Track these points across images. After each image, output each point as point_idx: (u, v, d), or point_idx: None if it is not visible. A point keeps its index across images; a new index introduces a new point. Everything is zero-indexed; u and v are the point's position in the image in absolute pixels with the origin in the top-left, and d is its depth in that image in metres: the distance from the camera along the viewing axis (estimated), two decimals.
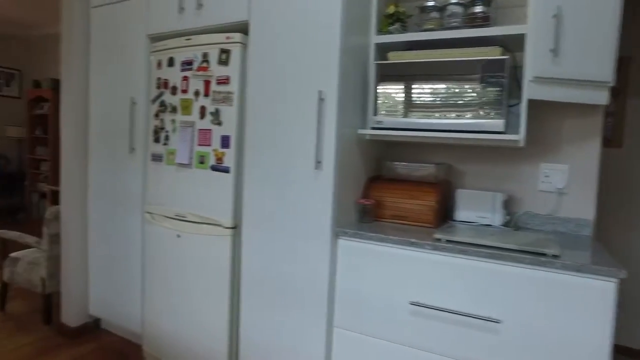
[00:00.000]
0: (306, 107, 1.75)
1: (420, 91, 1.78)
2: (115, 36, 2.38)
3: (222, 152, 1.95)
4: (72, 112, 2.51)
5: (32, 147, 5.77)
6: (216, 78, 1.96)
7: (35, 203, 5.86)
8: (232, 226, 1.95)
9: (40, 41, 6.03)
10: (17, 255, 2.86)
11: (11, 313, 2.89)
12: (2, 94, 6.01)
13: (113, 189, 2.42)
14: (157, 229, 2.19)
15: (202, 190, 2.02)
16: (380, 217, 1.96)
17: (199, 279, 2.06)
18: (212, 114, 1.97)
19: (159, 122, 2.17)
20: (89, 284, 2.61)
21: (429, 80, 1.76)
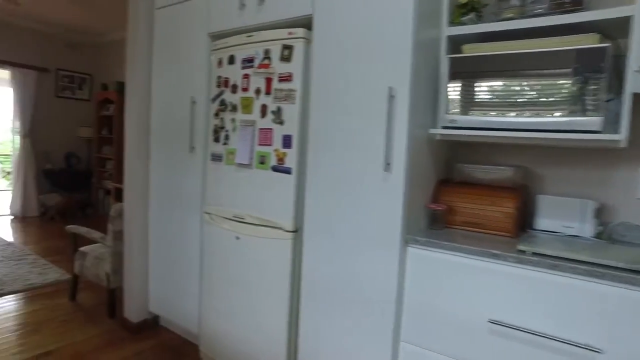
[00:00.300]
0: (375, 105, 1.64)
1: (498, 87, 1.61)
2: (177, 36, 2.40)
3: (283, 153, 1.88)
4: (135, 113, 2.56)
5: (99, 147, 6.10)
6: (278, 75, 1.89)
7: (101, 199, 6.19)
8: (293, 230, 1.88)
9: (108, 47, 6.36)
10: (86, 249, 2.97)
11: (81, 304, 3.02)
12: (75, 97, 6.41)
13: (173, 188, 2.44)
14: (216, 230, 2.17)
15: (262, 192, 1.96)
16: (452, 224, 1.81)
17: (257, 282, 2.01)
18: (273, 113, 1.91)
19: (218, 121, 2.14)
20: (149, 281, 2.66)
21: (509, 75, 1.58)
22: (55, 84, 6.20)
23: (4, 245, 4.40)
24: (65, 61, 6.24)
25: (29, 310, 2.90)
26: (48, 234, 5.06)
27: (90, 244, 3.06)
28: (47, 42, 6.04)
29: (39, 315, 2.81)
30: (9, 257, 3.97)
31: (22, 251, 4.19)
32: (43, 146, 6.09)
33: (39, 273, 3.57)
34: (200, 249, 2.30)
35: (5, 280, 3.37)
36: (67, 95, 6.33)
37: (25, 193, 5.95)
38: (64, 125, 6.26)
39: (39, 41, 5.95)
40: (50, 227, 5.46)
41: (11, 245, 4.41)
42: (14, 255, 4.05)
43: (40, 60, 5.97)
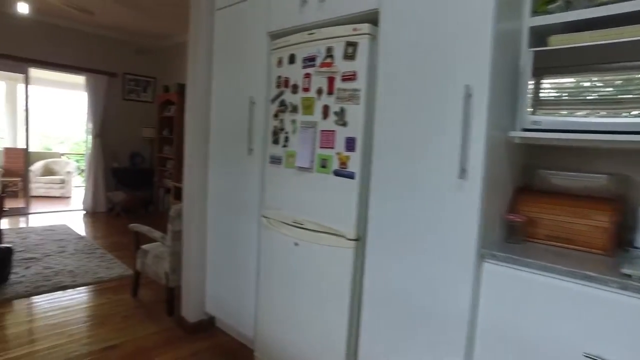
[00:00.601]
0: (449, 105, 1.49)
1: (590, 83, 1.40)
2: (236, 36, 2.37)
3: (346, 156, 1.77)
4: (195, 114, 2.58)
5: (160, 146, 6.35)
6: (341, 74, 1.79)
7: (161, 197, 6.44)
8: (355, 238, 1.77)
9: (171, 50, 6.61)
10: (147, 247, 3.05)
11: (142, 300, 3.11)
12: (140, 99, 6.73)
13: (231, 191, 2.42)
14: (274, 235, 2.11)
15: (323, 197, 1.87)
16: (533, 237, 1.61)
17: (316, 290, 1.93)
18: (336, 114, 1.81)
19: (278, 122, 2.08)
20: (206, 282, 2.67)
21: (603, 69, 1.37)
22: (123, 88, 6.54)
23: (77, 238, 4.68)
24: (132, 66, 6.57)
25: (96, 304, 3.02)
26: (114, 230, 5.33)
27: (152, 242, 3.14)
28: (117, 49, 6.38)
29: (104, 309, 2.92)
30: (80, 251, 4.21)
31: (92, 245, 4.43)
32: (111, 146, 6.45)
33: (106, 267, 3.74)
34: (257, 252, 2.26)
35: (77, 272, 3.56)
36: (132, 98, 6.66)
37: (95, 190, 6.32)
38: (129, 126, 6.59)
39: (109, 48, 6.31)
40: (116, 222, 5.75)
41: (83, 239, 4.69)
42: (85, 248, 4.29)
43: (111, 65, 6.32)
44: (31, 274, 3.46)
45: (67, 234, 4.88)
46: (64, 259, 3.91)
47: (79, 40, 6.02)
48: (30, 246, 4.26)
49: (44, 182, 7.61)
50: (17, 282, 3.28)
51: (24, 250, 4.11)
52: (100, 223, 5.74)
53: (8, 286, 3.19)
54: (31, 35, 5.61)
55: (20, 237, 4.63)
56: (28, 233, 4.83)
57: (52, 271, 3.56)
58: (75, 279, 3.40)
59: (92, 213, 6.26)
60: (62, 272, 3.54)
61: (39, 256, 3.95)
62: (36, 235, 4.75)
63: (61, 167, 8.02)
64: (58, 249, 4.24)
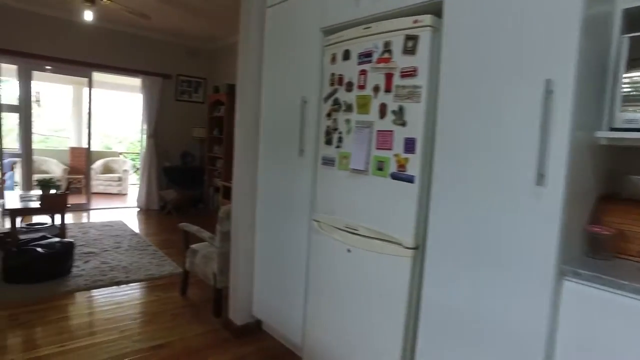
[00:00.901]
0: (524, 102, 1.33)
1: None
2: (288, 34, 2.30)
3: (405, 158, 1.65)
4: (245, 114, 2.54)
5: (210, 146, 6.47)
6: (400, 70, 1.67)
7: (211, 196, 6.57)
8: (414, 246, 1.64)
9: (221, 51, 6.73)
10: (196, 247, 3.07)
11: (190, 299, 3.13)
12: (191, 100, 6.91)
13: (281, 193, 2.35)
14: (325, 240, 2.02)
15: (379, 202, 1.75)
16: (622, 253, 1.41)
17: (370, 300, 1.81)
18: (394, 113, 1.69)
19: (331, 122, 1.99)
20: (254, 284, 2.62)
21: None
22: (176, 89, 6.73)
23: (132, 235, 4.85)
24: (184, 67, 6.75)
25: (147, 300, 3.08)
26: (165, 227, 5.48)
27: (201, 241, 3.15)
28: (171, 51, 6.59)
29: (154, 306, 2.97)
30: (134, 247, 4.34)
31: (145, 242, 4.57)
32: (164, 145, 6.66)
33: (157, 264, 3.82)
34: (306, 257, 2.17)
35: (130, 268, 3.67)
36: (184, 99, 6.85)
37: (149, 188, 6.56)
38: (181, 126, 6.78)
39: (164, 50, 6.52)
40: (167, 220, 5.92)
41: (136, 236, 4.85)
42: (138, 245, 4.42)
43: (165, 67, 6.53)
44: (90, 268, 3.60)
45: (122, 230, 5.07)
46: (119, 255, 4.05)
47: (136, 44, 6.26)
48: (90, 241, 4.46)
49: (104, 179, 8.02)
50: (78, 275, 3.42)
51: (84, 244, 4.30)
52: (152, 220, 5.93)
53: (70, 278, 3.33)
54: (94, 41, 5.90)
55: (81, 231, 4.86)
56: (89, 228, 5.07)
57: (108, 266, 3.69)
58: (129, 275, 3.49)
59: (145, 210, 6.49)
60: (117, 268, 3.65)
61: (97, 251, 4.11)
62: (95, 230, 4.97)
63: (119, 165, 8.42)
64: (114, 244, 4.40)
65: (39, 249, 3.27)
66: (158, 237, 4.92)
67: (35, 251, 3.23)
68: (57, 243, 3.42)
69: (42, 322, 2.64)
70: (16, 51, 5.35)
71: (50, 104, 9.75)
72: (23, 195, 4.41)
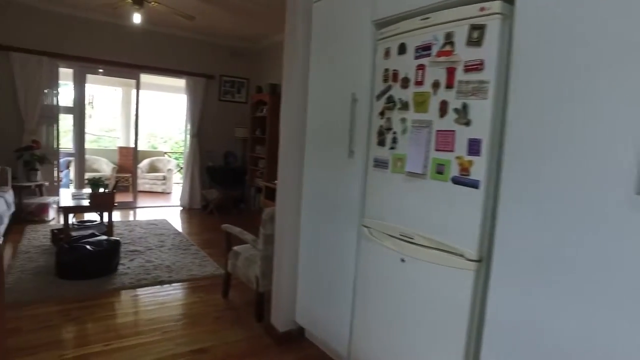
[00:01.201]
0: (619, 98, 1.13)
1: None
2: (336, 29, 2.18)
3: (469, 161, 1.48)
4: (291, 114, 2.45)
5: (252, 146, 6.48)
6: (464, 64, 1.51)
7: (252, 196, 6.58)
8: (477, 259, 1.47)
9: (264, 51, 6.73)
10: (239, 249, 3.02)
11: (232, 301, 3.09)
12: (234, 100, 6.96)
13: (328, 196, 2.24)
14: (376, 248, 1.88)
15: (438, 208, 1.60)
16: None
17: (425, 315, 1.66)
18: (456, 111, 1.53)
19: (384, 121, 1.85)
20: (297, 290, 2.52)
21: None
22: (219, 89, 6.80)
23: (175, 234, 4.91)
24: (227, 68, 6.80)
25: (189, 302, 3.06)
26: (207, 227, 5.53)
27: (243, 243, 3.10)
28: (214, 52, 6.66)
29: (196, 308, 2.94)
30: (177, 246, 4.39)
31: (187, 241, 4.60)
32: (207, 145, 6.74)
33: (199, 265, 3.82)
34: (355, 265, 2.05)
35: (173, 268, 3.68)
36: (227, 99, 6.91)
37: (192, 187, 6.66)
38: (224, 126, 6.83)
39: (207, 51, 6.60)
40: (209, 220, 5.98)
41: (179, 235, 4.90)
42: (181, 244, 4.46)
43: (208, 68, 6.61)
44: (135, 266, 3.65)
45: (166, 229, 5.15)
46: (162, 254, 4.09)
47: (180, 46, 6.37)
48: (135, 239, 4.55)
49: (149, 178, 8.25)
50: (124, 273, 3.47)
51: (130, 242, 4.38)
52: (195, 219, 6.01)
53: (117, 276, 3.39)
54: (141, 44, 6.06)
55: (128, 229, 4.98)
56: (134, 226, 5.19)
57: (152, 265, 3.72)
58: (172, 275, 3.50)
59: (188, 209, 6.60)
60: (160, 267, 3.68)
61: (142, 249, 4.18)
62: (141, 228, 5.08)
63: (164, 164, 8.65)
64: (158, 243, 4.47)
65: (89, 246, 3.34)
66: (200, 236, 4.96)
67: (85, 248, 3.31)
68: (104, 241, 3.48)
69: (91, 318, 2.68)
70: (72, 56, 5.58)
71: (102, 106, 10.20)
72: (75, 193, 4.56)
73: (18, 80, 5.24)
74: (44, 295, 2.95)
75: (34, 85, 5.33)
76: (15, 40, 5.21)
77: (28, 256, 3.77)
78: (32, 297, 2.91)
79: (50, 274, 3.33)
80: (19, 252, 3.88)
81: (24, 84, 5.27)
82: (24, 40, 5.26)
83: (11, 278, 3.23)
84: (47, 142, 5.59)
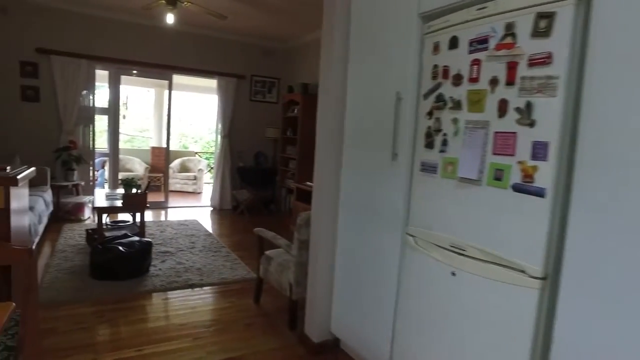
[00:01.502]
0: None
1: None
2: (378, 23, 2.05)
3: (533, 166, 1.32)
4: (328, 113, 2.33)
5: (283, 147, 6.40)
6: (528, 58, 1.35)
7: (283, 197, 6.51)
8: (542, 276, 1.31)
9: (295, 51, 6.66)
10: (271, 254, 2.93)
11: (264, 308, 3.00)
12: (265, 100, 6.92)
13: (367, 200, 2.11)
14: (423, 259, 1.74)
15: (496, 218, 1.44)
16: None
17: (479, 335, 1.51)
18: (518, 111, 1.37)
19: (433, 122, 1.70)
20: (333, 299, 2.40)
21: None
22: (250, 89, 6.77)
23: (205, 235, 4.90)
24: (258, 67, 6.77)
25: (221, 307, 3.00)
26: (238, 228, 5.49)
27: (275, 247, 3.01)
28: (246, 52, 6.63)
29: (227, 314, 2.87)
30: (207, 248, 4.35)
31: (218, 243, 4.57)
32: (237, 146, 6.73)
33: (230, 268, 3.76)
34: (397, 276, 1.91)
35: (204, 270, 3.64)
36: (258, 99, 6.87)
37: (222, 188, 6.66)
38: (254, 127, 6.80)
39: (239, 51, 6.58)
40: (240, 220, 5.95)
41: (210, 236, 4.88)
42: (212, 246, 4.43)
43: (239, 68, 6.59)
44: (166, 268, 3.63)
45: (197, 229, 5.14)
46: (193, 255, 4.06)
47: (212, 46, 6.38)
48: (167, 240, 4.55)
49: (180, 178, 8.34)
50: (155, 274, 3.45)
51: (161, 243, 4.39)
52: (225, 220, 5.99)
53: (148, 278, 3.37)
54: (174, 44, 6.10)
55: (159, 229, 5.00)
56: (166, 226, 5.21)
57: (183, 267, 3.69)
58: (202, 278, 3.46)
59: (218, 210, 6.60)
60: (191, 270, 3.65)
61: (173, 250, 4.17)
62: (172, 229, 5.09)
63: (194, 164, 8.72)
64: (189, 244, 4.45)
65: (121, 247, 3.34)
66: (231, 238, 4.92)
67: (117, 249, 3.30)
68: (137, 242, 3.47)
69: (124, 321, 2.65)
70: (108, 57, 5.67)
71: (135, 107, 10.43)
72: (109, 193, 4.61)
73: (58, 83, 5.37)
74: (79, 296, 2.96)
75: (72, 87, 5.45)
76: (56, 44, 5.34)
77: (64, 255, 3.82)
78: (68, 297, 2.92)
79: (85, 274, 3.35)
80: (56, 250, 3.94)
81: (63, 86, 5.40)
82: (64, 43, 5.38)
83: (48, 277, 3.26)
84: (84, 142, 5.70)
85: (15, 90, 5.25)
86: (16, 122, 5.26)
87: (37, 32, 5.27)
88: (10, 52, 5.16)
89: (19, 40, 5.19)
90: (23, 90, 5.29)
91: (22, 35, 5.20)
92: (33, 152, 5.19)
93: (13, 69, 5.20)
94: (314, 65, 6.05)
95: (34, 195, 4.21)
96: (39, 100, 5.37)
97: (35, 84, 5.33)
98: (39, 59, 5.29)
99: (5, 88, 5.18)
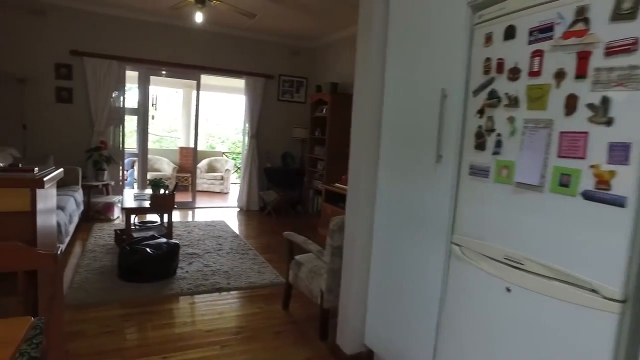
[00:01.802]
0: None
1: None
2: (421, 16, 1.90)
3: (609, 171, 1.15)
4: (364, 112, 2.20)
5: (311, 147, 6.29)
6: (605, 46, 1.17)
7: (311, 198, 6.40)
8: (622, 299, 1.13)
9: (323, 50, 6.54)
10: (301, 259, 2.81)
11: (293, 315, 2.89)
12: (293, 99, 6.83)
13: (408, 206, 1.96)
14: (471, 271, 1.58)
15: (561, 229, 1.27)
16: None
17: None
18: (591, 107, 1.20)
19: (485, 121, 1.54)
20: (367, 309, 2.26)
21: None
22: (278, 89, 6.70)
23: (232, 236, 4.83)
24: (286, 67, 6.69)
25: (249, 312, 2.90)
26: (265, 230, 5.41)
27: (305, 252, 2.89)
28: (274, 51, 6.56)
29: (256, 320, 2.77)
30: (234, 250, 4.28)
31: (245, 245, 4.49)
32: (265, 146, 6.66)
33: (258, 271, 3.67)
34: (441, 288, 1.75)
35: (231, 274, 3.56)
36: (286, 99, 6.79)
37: (249, 188, 6.60)
38: (282, 127, 6.72)
39: (267, 51, 6.51)
40: (267, 222, 5.87)
41: (237, 238, 4.81)
42: (239, 248, 4.36)
43: (267, 68, 6.52)
44: (193, 271, 3.57)
45: (224, 231, 5.09)
46: (220, 258, 3.99)
47: (240, 46, 6.34)
48: (194, 241, 4.51)
49: (207, 178, 8.36)
50: (182, 277, 3.40)
51: (188, 244, 4.35)
52: (252, 221, 5.92)
53: (175, 280, 3.32)
54: (202, 45, 6.09)
55: (186, 230, 4.98)
56: (193, 227, 5.18)
57: (210, 270, 3.63)
58: (230, 282, 3.38)
59: (245, 211, 6.55)
60: (218, 272, 3.57)
61: (200, 252, 4.12)
62: (199, 230, 5.05)
63: (221, 164, 8.73)
64: (216, 246, 4.39)
65: (149, 249, 3.29)
66: (258, 240, 4.83)
67: (145, 251, 3.26)
68: (164, 244, 3.43)
69: (150, 326, 2.59)
70: (138, 58, 5.71)
71: (164, 107, 10.56)
72: (137, 194, 4.62)
73: (90, 84, 5.44)
74: (107, 298, 2.93)
75: (103, 88, 5.51)
76: (89, 45, 5.41)
77: (94, 255, 3.83)
78: (96, 299, 2.89)
79: (113, 275, 3.32)
80: (86, 250, 3.96)
81: (95, 87, 5.46)
82: (96, 45, 5.45)
83: (79, 277, 3.25)
84: (114, 142, 5.76)
85: (51, 91, 5.35)
86: (51, 123, 5.36)
87: (72, 35, 5.35)
88: (46, 54, 5.26)
89: (55, 42, 5.28)
90: (58, 92, 5.38)
91: (57, 38, 5.29)
92: (66, 153, 5.27)
93: (49, 71, 5.30)
94: (343, 64, 5.91)
95: (65, 195, 4.25)
96: (72, 102, 5.46)
97: (69, 85, 5.42)
98: (72, 60, 5.37)
99: (41, 90, 5.28)
